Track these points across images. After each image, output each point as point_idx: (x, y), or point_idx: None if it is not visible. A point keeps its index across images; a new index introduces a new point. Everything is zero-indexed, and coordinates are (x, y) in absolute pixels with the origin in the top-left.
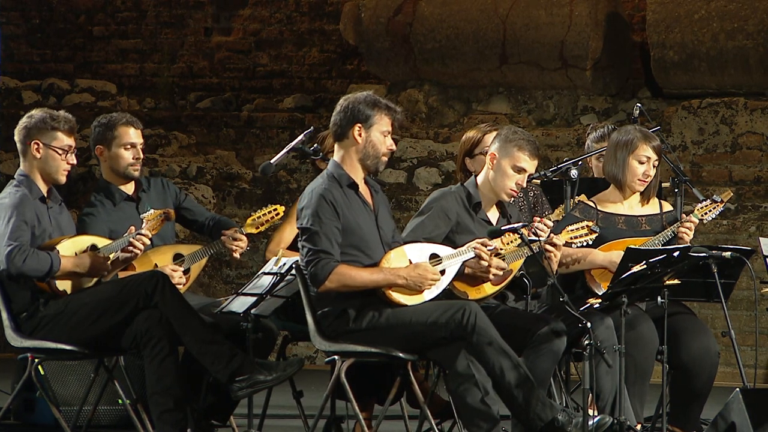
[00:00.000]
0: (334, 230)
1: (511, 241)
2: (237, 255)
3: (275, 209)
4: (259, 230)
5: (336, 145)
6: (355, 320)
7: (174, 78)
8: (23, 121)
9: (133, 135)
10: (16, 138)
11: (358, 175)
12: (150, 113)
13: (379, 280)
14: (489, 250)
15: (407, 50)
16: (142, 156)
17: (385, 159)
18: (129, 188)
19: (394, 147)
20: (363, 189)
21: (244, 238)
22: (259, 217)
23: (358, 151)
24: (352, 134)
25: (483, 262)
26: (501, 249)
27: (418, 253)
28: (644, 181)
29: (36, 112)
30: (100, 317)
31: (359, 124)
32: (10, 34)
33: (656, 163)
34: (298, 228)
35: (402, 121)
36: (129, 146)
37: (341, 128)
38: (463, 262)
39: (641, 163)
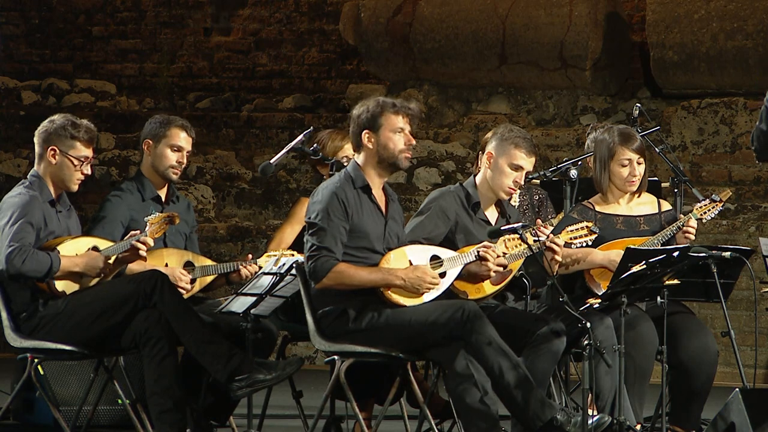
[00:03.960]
0: (341, 230)
1: (516, 246)
2: (242, 279)
3: (292, 254)
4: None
5: (355, 154)
6: (355, 320)
7: (173, 78)
8: (44, 125)
9: (183, 140)
10: (35, 139)
11: (374, 180)
12: (149, 113)
13: (376, 280)
14: (491, 249)
15: (407, 50)
16: (185, 162)
17: (404, 155)
18: (161, 191)
19: (412, 141)
20: (378, 194)
21: (256, 268)
22: (276, 254)
23: (372, 156)
24: (363, 142)
25: (488, 264)
26: (505, 253)
27: (419, 254)
28: (633, 182)
29: (58, 118)
30: (100, 317)
31: (367, 131)
32: (9, 33)
33: (641, 161)
34: (306, 221)
35: (416, 113)
36: (176, 148)
37: (355, 139)
38: (465, 264)
39: (623, 166)
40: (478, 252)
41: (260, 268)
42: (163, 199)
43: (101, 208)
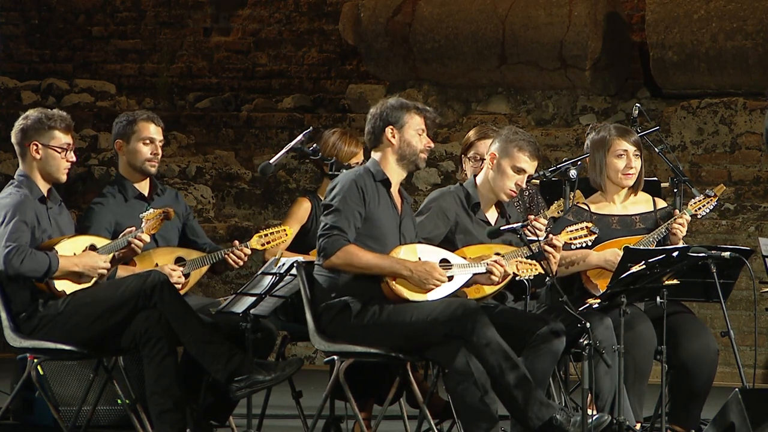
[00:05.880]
0: (356, 214)
1: (528, 270)
2: (235, 266)
3: (284, 230)
4: (264, 248)
5: (372, 152)
6: (357, 315)
7: (173, 78)
8: (19, 123)
9: (153, 131)
10: (13, 140)
11: (394, 177)
12: None
13: (384, 266)
14: (503, 267)
15: (406, 50)
16: (160, 153)
17: (423, 156)
18: (144, 187)
19: (431, 144)
20: (395, 191)
21: (248, 252)
22: (266, 235)
23: (394, 152)
24: (385, 137)
25: (494, 278)
26: (515, 274)
27: (429, 254)
28: (629, 174)
29: (31, 113)
30: (99, 317)
31: (391, 126)
32: (9, 34)
33: (637, 154)
34: (322, 205)
35: (435, 119)
36: (147, 141)
37: (375, 134)
38: (473, 275)
39: (619, 156)
40: (488, 266)
41: (252, 251)
42: (147, 195)
43: (86, 217)
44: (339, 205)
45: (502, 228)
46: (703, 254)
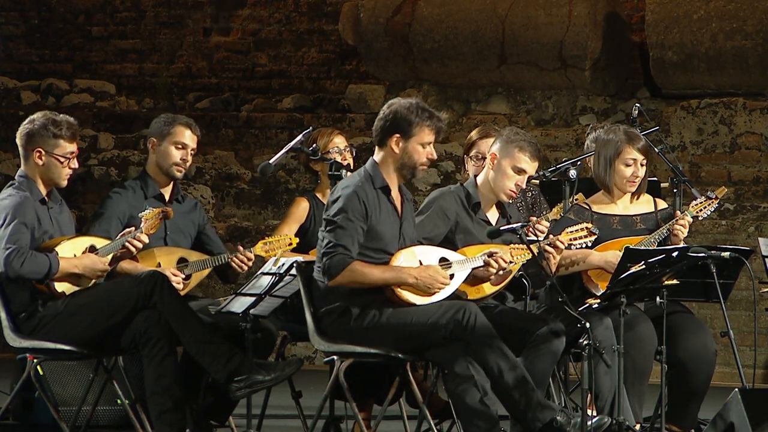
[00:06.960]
0: (359, 229)
1: (522, 255)
2: (240, 271)
3: (289, 239)
4: (268, 255)
5: (376, 149)
6: (357, 318)
7: (173, 78)
8: (25, 126)
9: (187, 137)
10: (17, 141)
11: (392, 181)
12: (149, 113)
13: (389, 278)
14: (499, 257)
15: (406, 50)
16: (190, 160)
17: (423, 168)
18: (165, 190)
19: (434, 156)
20: (395, 194)
21: (252, 257)
22: (271, 242)
23: (395, 161)
24: (390, 144)
25: (491, 269)
26: (511, 261)
27: (428, 255)
28: (634, 183)
29: (38, 117)
30: (99, 317)
31: (398, 135)
32: (9, 34)
33: (644, 162)
34: (324, 218)
35: (444, 129)
36: (180, 146)
37: (381, 136)
38: (473, 269)
39: (628, 165)
40: (485, 258)
41: (256, 256)
42: (167, 198)
43: (101, 204)
44: (342, 222)
45: (502, 228)
46: (703, 254)
